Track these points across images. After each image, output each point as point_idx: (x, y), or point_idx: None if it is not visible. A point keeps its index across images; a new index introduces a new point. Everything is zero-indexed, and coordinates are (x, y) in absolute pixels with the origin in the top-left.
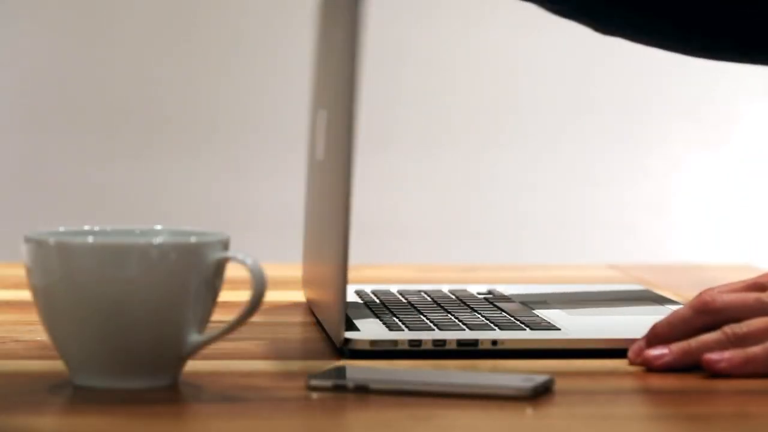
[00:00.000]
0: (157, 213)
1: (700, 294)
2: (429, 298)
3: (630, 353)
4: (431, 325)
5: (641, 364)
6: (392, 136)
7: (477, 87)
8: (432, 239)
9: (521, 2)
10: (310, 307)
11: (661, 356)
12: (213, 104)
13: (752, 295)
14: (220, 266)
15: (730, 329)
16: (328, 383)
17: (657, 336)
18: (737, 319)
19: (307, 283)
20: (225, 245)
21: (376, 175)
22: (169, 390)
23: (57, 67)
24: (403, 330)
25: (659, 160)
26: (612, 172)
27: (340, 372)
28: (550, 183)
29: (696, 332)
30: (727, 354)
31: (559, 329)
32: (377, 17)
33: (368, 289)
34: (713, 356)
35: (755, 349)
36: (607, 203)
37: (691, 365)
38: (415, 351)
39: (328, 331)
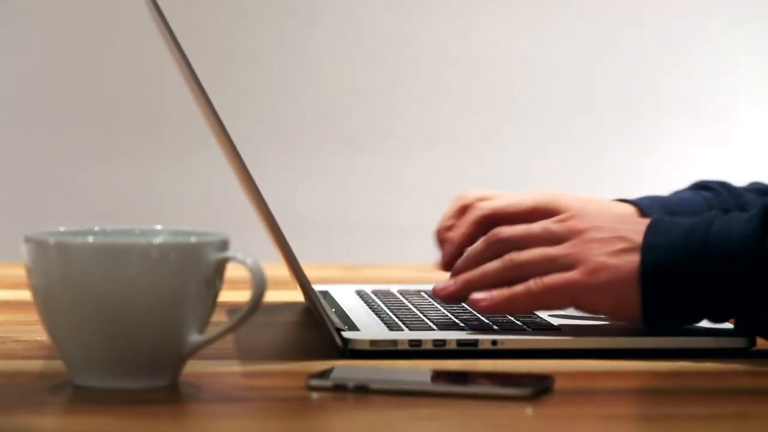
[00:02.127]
0: (157, 213)
1: (496, 228)
2: (429, 298)
3: (435, 288)
4: (431, 325)
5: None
6: (392, 136)
7: (477, 87)
8: (432, 239)
9: (520, 2)
10: (309, 307)
11: (445, 287)
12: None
13: (539, 224)
14: (220, 266)
15: (509, 257)
16: (328, 383)
17: (457, 271)
18: (524, 248)
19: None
20: (225, 245)
21: (375, 175)
22: (169, 390)
23: (57, 67)
24: (403, 330)
25: (659, 160)
26: (612, 172)
27: (340, 372)
28: (550, 183)
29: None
30: (493, 293)
31: (559, 329)
32: (376, 17)
33: (368, 289)
34: (478, 295)
35: (518, 288)
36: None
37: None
38: (415, 351)
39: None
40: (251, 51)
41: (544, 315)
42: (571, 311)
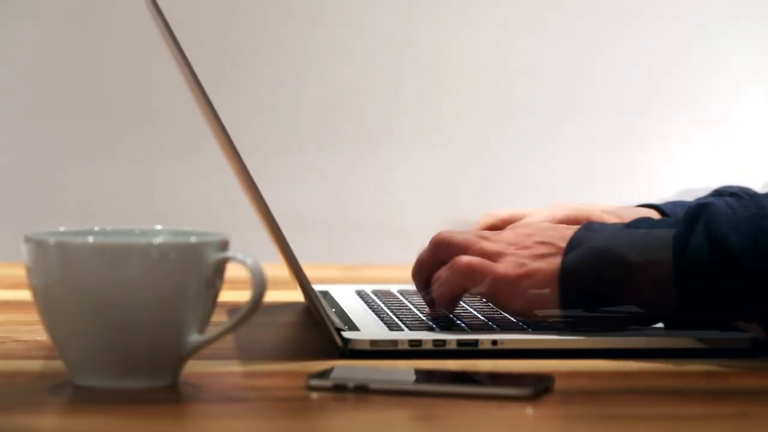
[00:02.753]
0: (157, 213)
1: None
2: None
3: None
4: (431, 325)
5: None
6: (392, 136)
7: (477, 87)
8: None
9: (518, 3)
10: (309, 307)
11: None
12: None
13: (476, 233)
14: (220, 266)
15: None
16: (328, 383)
17: (413, 278)
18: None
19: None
20: (225, 245)
21: (376, 175)
22: (169, 390)
23: (57, 67)
24: (403, 330)
25: (659, 160)
26: (611, 171)
27: (340, 372)
28: (548, 183)
29: (437, 267)
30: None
31: (559, 329)
32: (376, 19)
33: (368, 289)
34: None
35: (443, 272)
36: (606, 202)
37: (452, 300)
38: (415, 351)
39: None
40: (251, 51)
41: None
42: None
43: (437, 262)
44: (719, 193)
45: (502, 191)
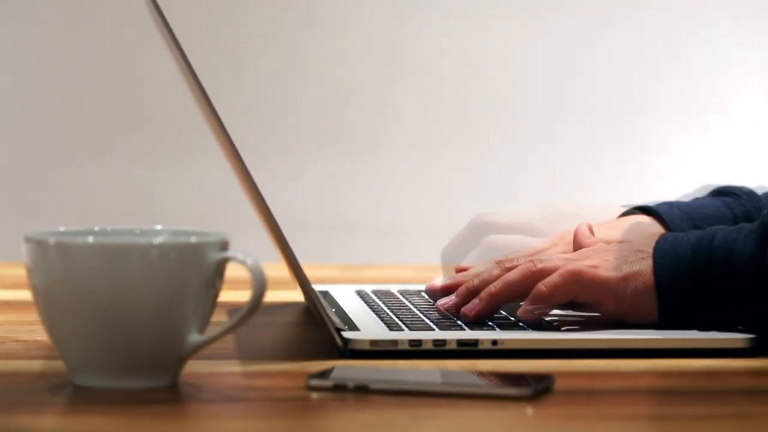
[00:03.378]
0: (157, 213)
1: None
2: (429, 298)
3: (440, 304)
4: (431, 325)
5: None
6: (392, 136)
7: (476, 87)
8: (432, 239)
9: (516, 3)
10: (309, 307)
11: (474, 306)
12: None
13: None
14: (220, 266)
15: (530, 262)
16: (328, 383)
17: (468, 289)
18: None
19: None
20: (225, 245)
21: (376, 175)
22: (169, 390)
23: (57, 67)
24: (403, 330)
25: (658, 159)
26: (609, 171)
27: (340, 372)
28: (547, 183)
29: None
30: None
31: (559, 329)
32: (375, 19)
33: (368, 289)
34: (467, 306)
35: (552, 278)
36: (607, 203)
37: (500, 305)
38: (415, 351)
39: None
40: (251, 51)
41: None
42: (570, 311)
43: (526, 287)
44: (718, 192)
45: (501, 191)
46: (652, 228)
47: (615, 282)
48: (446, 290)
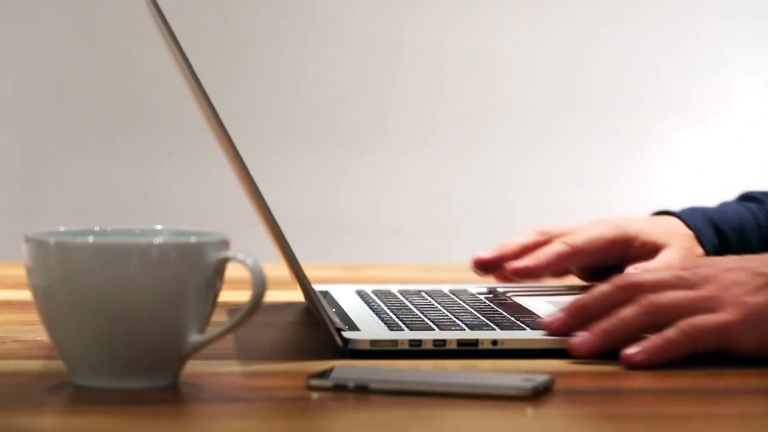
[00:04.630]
0: (156, 213)
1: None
2: (429, 298)
3: (550, 323)
4: (431, 325)
5: (555, 334)
6: (392, 135)
7: (475, 86)
8: (432, 239)
9: (515, 3)
10: (309, 307)
11: (585, 341)
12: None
13: (671, 271)
14: (220, 266)
15: (647, 300)
16: (328, 383)
17: (579, 308)
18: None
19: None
20: (225, 245)
21: (376, 175)
22: (169, 390)
23: (57, 67)
24: (403, 330)
25: (657, 158)
26: (609, 170)
27: (340, 372)
28: (545, 183)
29: (617, 308)
30: (646, 345)
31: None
32: (374, 19)
33: (368, 289)
34: (629, 351)
35: (670, 333)
36: (606, 202)
37: (613, 345)
38: (415, 351)
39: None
40: (251, 51)
41: (544, 315)
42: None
43: (642, 327)
44: (744, 197)
45: (503, 192)
46: (683, 229)
47: (740, 323)
48: (492, 262)
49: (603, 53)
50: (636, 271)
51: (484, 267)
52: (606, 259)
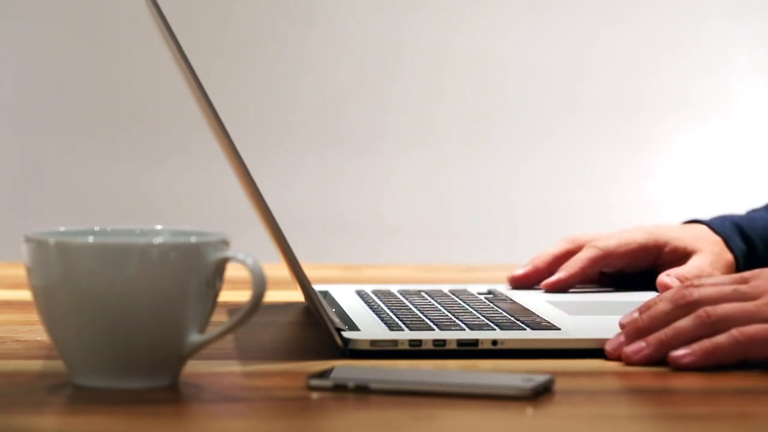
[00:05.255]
0: (156, 213)
1: (679, 287)
2: (429, 298)
3: (609, 348)
4: (431, 325)
5: (618, 358)
6: (392, 136)
7: (475, 86)
8: (432, 239)
9: (514, 3)
10: (309, 307)
11: (640, 350)
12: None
13: (730, 287)
14: (220, 266)
15: (703, 311)
16: (328, 383)
17: (639, 330)
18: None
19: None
20: (225, 245)
21: (376, 175)
22: (169, 390)
23: (57, 67)
24: (403, 330)
25: (657, 158)
26: (609, 170)
27: (340, 372)
28: (544, 182)
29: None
30: (694, 347)
31: (559, 329)
32: (374, 18)
33: (368, 289)
34: (678, 352)
35: (720, 339)
36: (606, 202)
37: (666, 354)
38: (415, 351)
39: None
40: (251, 51)
41: (544, 315)
42: (571, 311)
43: (697, 336)
44: None
45: (503, 192)
46: (712, 235)
47: None
48: (526, 279)
49: (603, 53)
50: (670, 278)
51: (520, 284)
52: (637, 263)
